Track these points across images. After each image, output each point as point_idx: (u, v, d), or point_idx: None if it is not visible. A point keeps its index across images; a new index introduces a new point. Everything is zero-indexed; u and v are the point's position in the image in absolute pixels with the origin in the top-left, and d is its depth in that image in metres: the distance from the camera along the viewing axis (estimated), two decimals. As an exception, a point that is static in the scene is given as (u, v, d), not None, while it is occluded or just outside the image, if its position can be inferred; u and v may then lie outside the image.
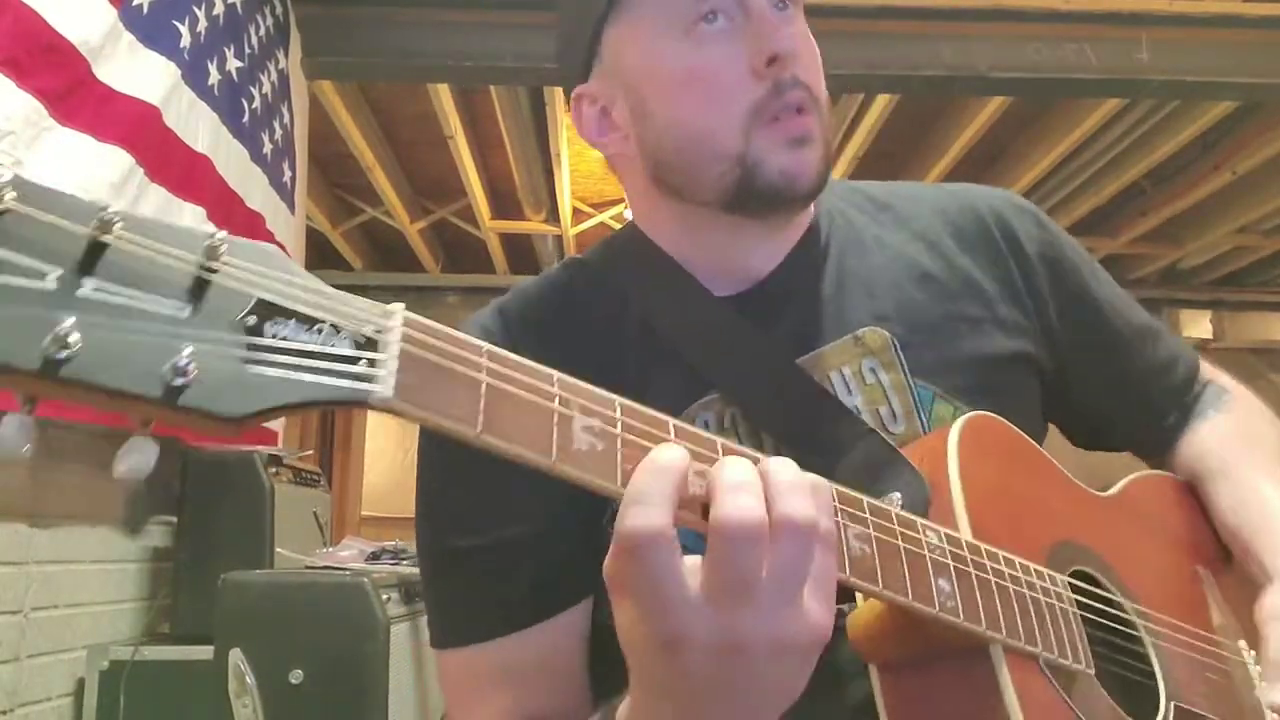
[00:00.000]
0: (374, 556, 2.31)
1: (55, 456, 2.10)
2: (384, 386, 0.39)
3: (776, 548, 0.45)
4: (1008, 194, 0.87)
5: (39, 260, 0.33)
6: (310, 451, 4.57)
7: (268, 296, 0.38)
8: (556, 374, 0.46)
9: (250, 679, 1.82)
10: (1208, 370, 0.93)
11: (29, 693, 2.05)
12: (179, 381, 0.35)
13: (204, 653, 1.95)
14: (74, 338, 0.33)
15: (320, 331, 0.39)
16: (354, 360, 0.39)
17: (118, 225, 0.35)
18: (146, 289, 0.35)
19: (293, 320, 0.38)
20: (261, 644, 1.83)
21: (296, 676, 1.80)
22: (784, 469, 0.47)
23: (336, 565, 2.14)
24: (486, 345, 0.44)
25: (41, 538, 2.09)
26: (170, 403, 0.35)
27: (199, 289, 0.36)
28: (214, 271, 0.37)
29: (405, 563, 2.23)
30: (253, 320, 0.37)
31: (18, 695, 2.01)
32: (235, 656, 1.83)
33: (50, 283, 0.33)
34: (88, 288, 0.34)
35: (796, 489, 0.46)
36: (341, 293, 0.41)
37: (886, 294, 0.77)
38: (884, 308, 0.76)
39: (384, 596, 1.88)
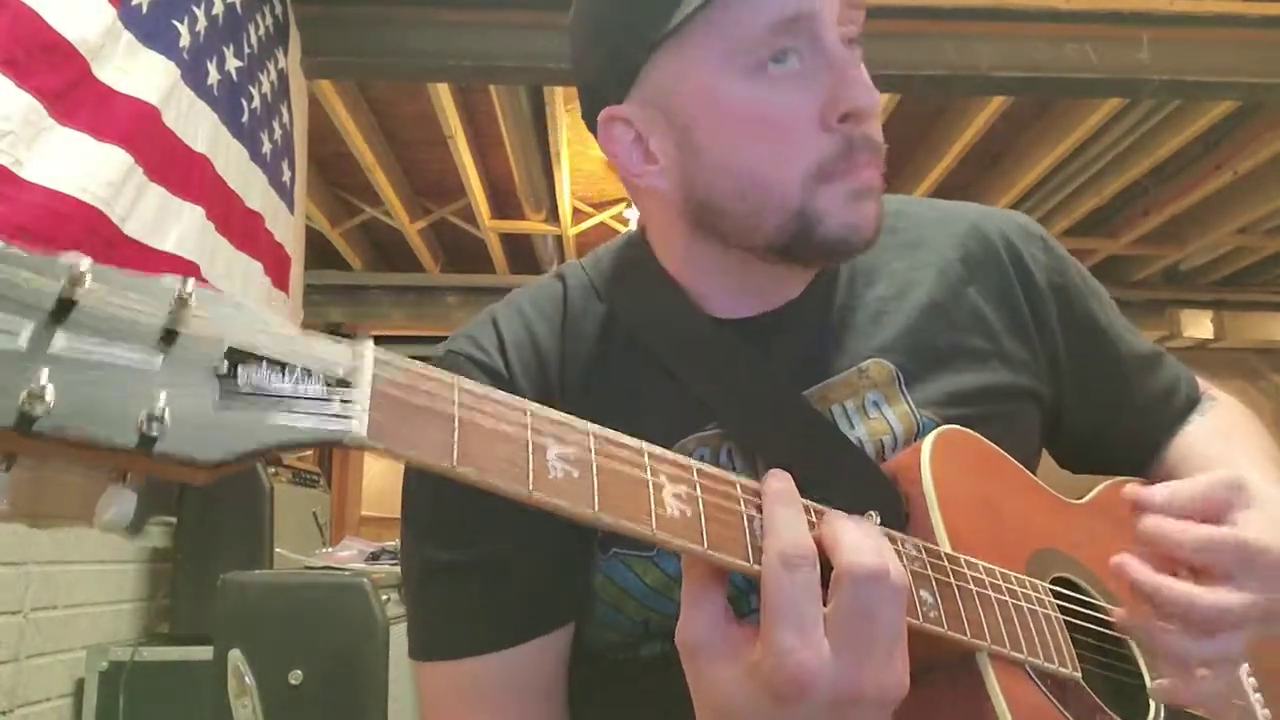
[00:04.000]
0: (373, 557, 2.31)
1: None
2: (357, 425, 0.40)
3: (886, 603, 0.50)
4: (1017, 217, 0.86)
5: (9, 319, 0.34)
6: (310, 452, 4.57)
7: (238, 343, 0.38)
8: (530, 405, 0.46)
9: (250, 679, 1.81)
10: (1203, 386, 0.93)
11: (29, 693, 2.05)
12: (154, 430, 0.35)
13: (203, 653, 1.95)
14: (48, 394, 0.33)
15: (292, 374, 0.39)
16: (326, 401, 0.40)
17: (87, 280, 0.35)
18: (118, 341, 0.36)
19: (264, 364, 0.39)
20: (261, 644, 1.83)
21: (296, 677, 1.80)
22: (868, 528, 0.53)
23: (336, 565, 2.14)
24: (458, 380, 0.45)
25: (41, 538, 2.09)
26: (146, 451, 0.35)
27: (169, 339, 0.37)
28: (184, 321, 0.37)
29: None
30: (224, 367, 0.38)
31: (17, 695, 2.01)
32: (235, 657, 1.83)
33: (22, 341, 0.34)
34: (59, 344, 0.34)
35: (890, 551, 0.51)
36: (313, 335, 0.41)
37: (892, 324, 0.76)
38: (889, 338, 0.75)
39: (383, 597, 1.88)
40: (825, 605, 0.49)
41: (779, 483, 0.52)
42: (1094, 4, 3.11)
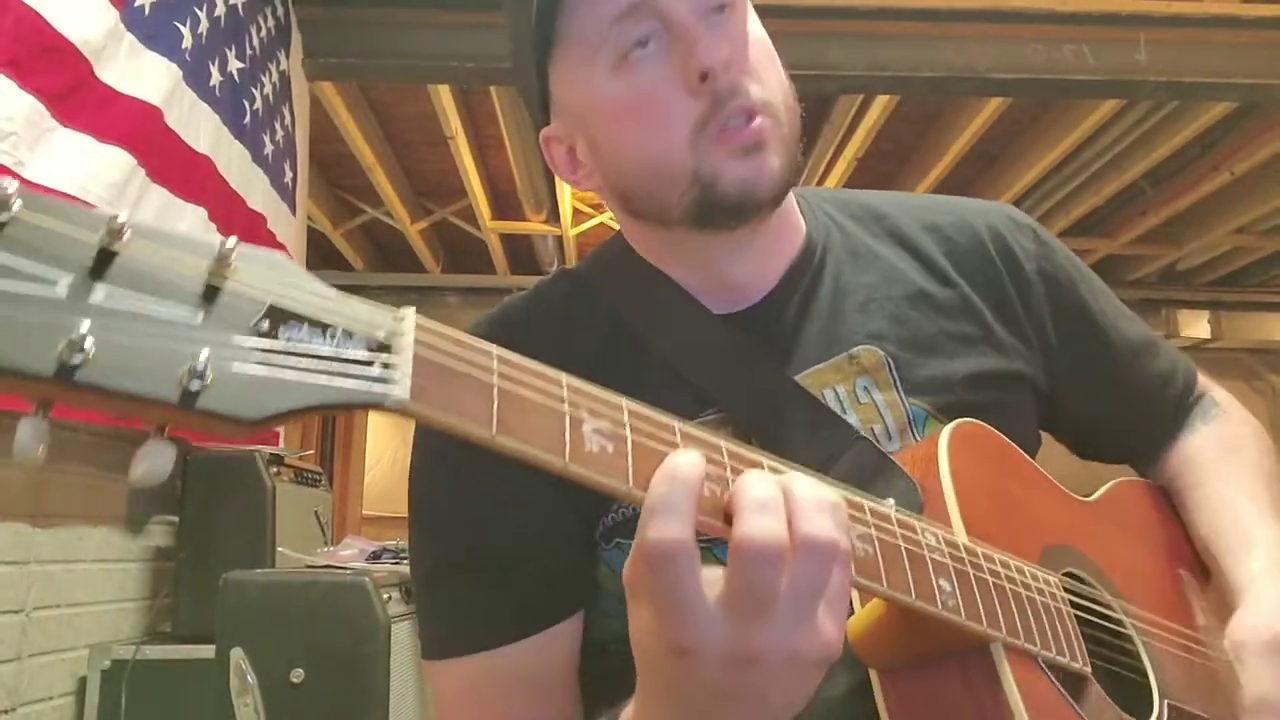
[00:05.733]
0: (375, 556, 2.32)
1: (57, 457, 2.10)
2: (400, 389, 0.39)
3: (796, 566, 0.46)
4: (1005, 209, 0.87)
5: (48, 267, 0.33)
6: (311, 451, 4.58)
7: (280, 302, 0.38)
8: (565, 377, 0.46)
9: (251, 678, 1.82)
10: (1204, 382, 0.93)
11: (31, 692, 2.06)
12: (195, 385, 0.35)
13: (205, 652, 1.95)
14: (88, 343, 0.33)
15: (333, 336, 0.39)
16: (368, 363, 0.39)
17: (127, 234, 0.35)
18: (158, 295, 0.35)
19: (305, 325, 0.38)
20: (263, 643, 1.84)
21: (298, 675, 1.80)
22: (806, 487, 0.48)
23: (337, 564, 2.14)
24: (496, 348, 0.44)
25: (43, 537, 2.10)
26: (188, 406, 0.35)
27: (211, 295, 0.36)
28: (225, 277, 0.37)
29: (406, 562, 2.23)
30: (265, 325, 0.37)
31: (20, 694, 2.01)
32: (236, 655, 1.83)
33: (61, 290, 0.33)
34: (99, 295, 0.34)
35: (819, 508, 0.47)
36: (352, 297, 0.41)
37: (881, 311, 0.77)
38: (878, 325, 0.76)
39: (385, 596, 1.89)
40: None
41: (675, 457, 0.47)
42: (1091, 6, 3.12)
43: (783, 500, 0.47)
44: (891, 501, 0.60)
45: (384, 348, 0.40)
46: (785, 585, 0.46)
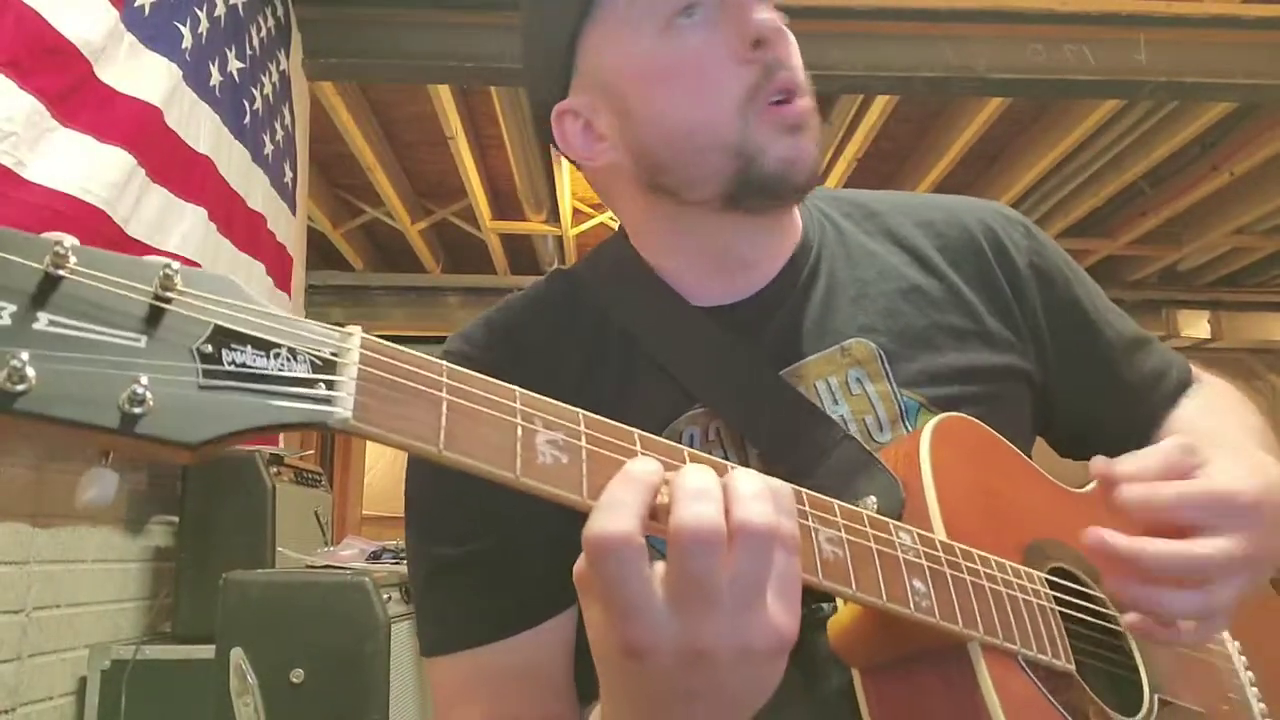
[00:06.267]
0: (375, 556, 2.32)
1: (57, 456, 2.11)
2: (342, 408, 0.40)
3: (736, 554, 0.45)
4: (996, 205, 0.88)
5: None
6: (311, 451, 4.57)
7: (223, 323, 0.38)
8: (519, 390, 0.46)
9: (251, 678, 1.82)
10: (1197, 373, 0.93)
11: (31, 692, 2.06)
12: (136, 410, 0.35)
13: (205, 652, 1.96)
14: (29, 371, 0.33)
15: (277, 356, 0.39)
16: (312, 383, 0.40)
17: (71, 260, 0.35)
18: (101, 321, 0.36)
19: (249, 346, 0.39)
20: (263, 643, 1.84)
21: (298, 675, 1.81)
22: (745, 477, 0.48)
23: (337, 564, 2.15)
24: (446, 364, 0.44)
25: (43, 537, 2.10)
26: (128, 431, 0.35)
27: (154, 318, 0.37)
28: (168, 301, 0.37)
29: (405, 562, 2.23)
30: (209, 347, 0.38)
31: (20, 694, 2.02)
32: (237, 655, 1.84)
33: (4, 319, 0.34)
34: (42, 322, 0.34)
35: (756, 496, 0.47)
36: (299, 318, 0.41)
37: (874, 305, 0.78)
38: (871, 319, 0.77)
39: (385, 596, 1.89)
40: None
41: (630, 463, 0.47)
42: (1091, 6, 3.12)
43: (719, 490, 0.46)
44: (872, 499, 0.59)
45: (329, 367, 0.40)
46: (727, 574, 0.45)
